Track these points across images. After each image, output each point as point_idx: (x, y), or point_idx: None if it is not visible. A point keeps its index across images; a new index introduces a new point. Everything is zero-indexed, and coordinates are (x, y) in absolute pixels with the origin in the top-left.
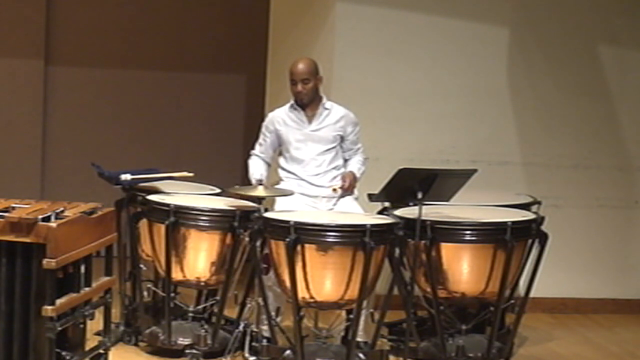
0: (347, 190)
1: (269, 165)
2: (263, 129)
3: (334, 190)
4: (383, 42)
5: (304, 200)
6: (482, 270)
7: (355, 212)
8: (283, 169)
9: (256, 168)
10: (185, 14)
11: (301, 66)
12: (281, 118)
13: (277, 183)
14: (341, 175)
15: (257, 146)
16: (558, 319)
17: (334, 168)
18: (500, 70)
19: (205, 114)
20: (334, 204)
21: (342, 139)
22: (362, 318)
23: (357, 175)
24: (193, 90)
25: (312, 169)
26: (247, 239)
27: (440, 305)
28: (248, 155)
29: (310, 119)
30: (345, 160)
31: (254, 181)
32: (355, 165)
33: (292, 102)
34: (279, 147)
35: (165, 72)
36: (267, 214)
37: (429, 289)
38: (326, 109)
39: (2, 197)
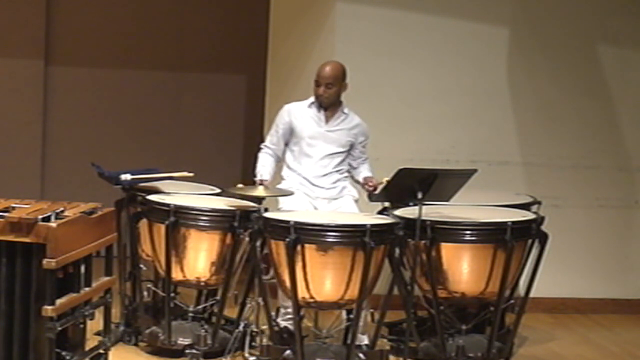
0: (376, 186)
1: (278, 159)
2: (277, 120)
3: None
4: (383, 42)
5: (305, 199)
6: (482, 270)
7: (353, 212)
8: (288, 166)
9: (263, 166)
10: (185, 14)
11: (328, 70)
12: (298, 112)
13: (279, 183)
14: (366, 180)
15: (268, 137)
16: (558, 319)
17: (337, 171)
18: (500, 70)
19: (205, 114)
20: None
21: (352, 146)
22: (362, 318)
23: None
24: (193, 90)
25: (317, 169)
26: (247, 239)
27: (440, 305)
28: (259, 148)
29: (327, 119)
30: (352, 168)
31: (257, 179)
32: (367, 173)
33: (312, 100)
34: (290, 139)
35: (165, 72)
36: (267, 214)
37: (429, 289)
38: (344, 113)
39: (2, 197)
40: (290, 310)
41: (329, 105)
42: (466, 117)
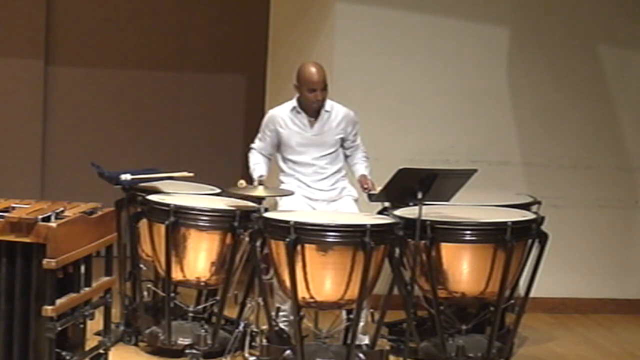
0: (371, 189)
1: (269, 159)
2: (263, 126)
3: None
4: (383, 42)
5: (303, 201)
6: (482, 270)
7: (354, 212)
8: (283, 171)
9: (256, 163)
10: (185, 14)
11: (317, 74)
12: (282, 119)
13: (277, 186)
14: (360, 181)
15: (256, 141)
16: (558, 319)
17: (335, 172)
18: (500, 70)
19: (205, 113)
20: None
21: (343, 139)
22: (362, 318)
23: (368, 176)
24: (193, 90)
25: (312, 174)
26: (247, 239)
27: (440, 305)
28: (248, 149)
29: (312, 123)
30: (346, 157)
31: (255, 176)
32: (362, 167)
33: (294, 104)
34: (280, 146)
35: (165, 72)
36: (267, 214)
37: (429, 289)
38: (327, 111)
39: (2, 197)
40: (286, 312)
41: (320, 108)
42: (466, 117)
